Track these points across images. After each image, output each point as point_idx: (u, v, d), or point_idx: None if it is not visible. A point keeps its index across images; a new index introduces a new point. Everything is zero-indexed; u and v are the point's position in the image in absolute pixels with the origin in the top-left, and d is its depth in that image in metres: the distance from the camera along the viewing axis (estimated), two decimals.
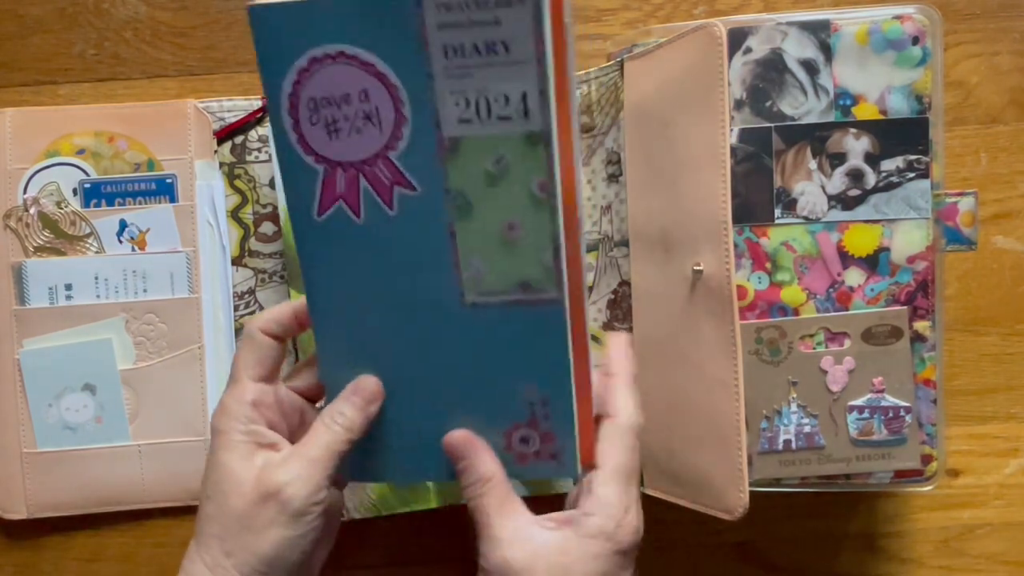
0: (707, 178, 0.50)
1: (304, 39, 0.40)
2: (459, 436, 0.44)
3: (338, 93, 0.41)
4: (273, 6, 0.39)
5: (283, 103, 0.41)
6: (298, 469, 0.42)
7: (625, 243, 0.56)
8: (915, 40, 0.52)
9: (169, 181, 0.61)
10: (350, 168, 0.42)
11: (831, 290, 0.53)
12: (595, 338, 0.59)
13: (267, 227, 0.61)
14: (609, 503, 0.42)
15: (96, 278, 0.60)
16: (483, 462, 0.44)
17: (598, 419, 0.45)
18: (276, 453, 0.44)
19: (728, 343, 0.50)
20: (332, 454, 0.43)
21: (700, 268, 0.50)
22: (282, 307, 0.46)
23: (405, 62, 0.39)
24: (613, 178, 0.58)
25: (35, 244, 0.60)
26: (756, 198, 0.53)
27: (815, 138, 0.53)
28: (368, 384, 0.45)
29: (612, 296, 0.57)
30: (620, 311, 0.57)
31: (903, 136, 0.52)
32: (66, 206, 0.60)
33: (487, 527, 0.42)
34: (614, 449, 0.44)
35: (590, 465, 0.44)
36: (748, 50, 0.53)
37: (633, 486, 0.44)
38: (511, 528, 0.42)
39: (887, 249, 0.53)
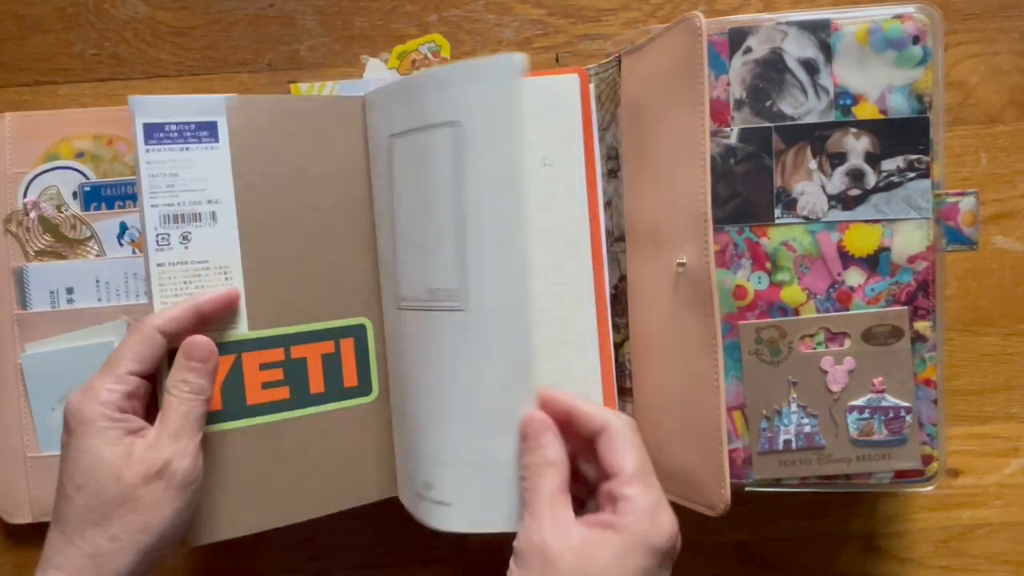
0: (689, 171, 0.50)
1: None
2: (540, 415, 0.46)
3: None
4: None
5: None
6: (172, 445, 0.46)
7: (624, 238, 0.56)
8: (915, 39, 0.52)
9: None
10: None
11: (831, 290, 0.53)
12: None
13: None
14: (638, 505, 0.43)
15: (97, 281, 0.60)
16: (554, 445, 0.45)
17: (589, 440, 0.47)
18: (145, 437, 0.46)
19: (709, 338, 0.50)
20: (193, 421, 0.47)
21: (683, 263, 0.51)
22: (182, 305, 0.49)
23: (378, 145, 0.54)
24: (612, 173, 0.58)
25: (36, 248, 0.60)
26: (756, 198, 0.53)
27: (815, 138, 0.53)
28: (197, 343, 0.48)
29: (613, 292, 0.57)
30: (620, 306, 0.57)
31: (903, 136, 0.52)
32: (66, 209, 0.60)
33: (537, 508, 0.44)
34: (625, 453, 0.45)
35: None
36: (748, 50, 0.53)
37: (653, 483, 0.45)
38: (559, 516, 0.44)
39: (887, 249, 0.53)
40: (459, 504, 0.49)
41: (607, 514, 0.44)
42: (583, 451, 0.47)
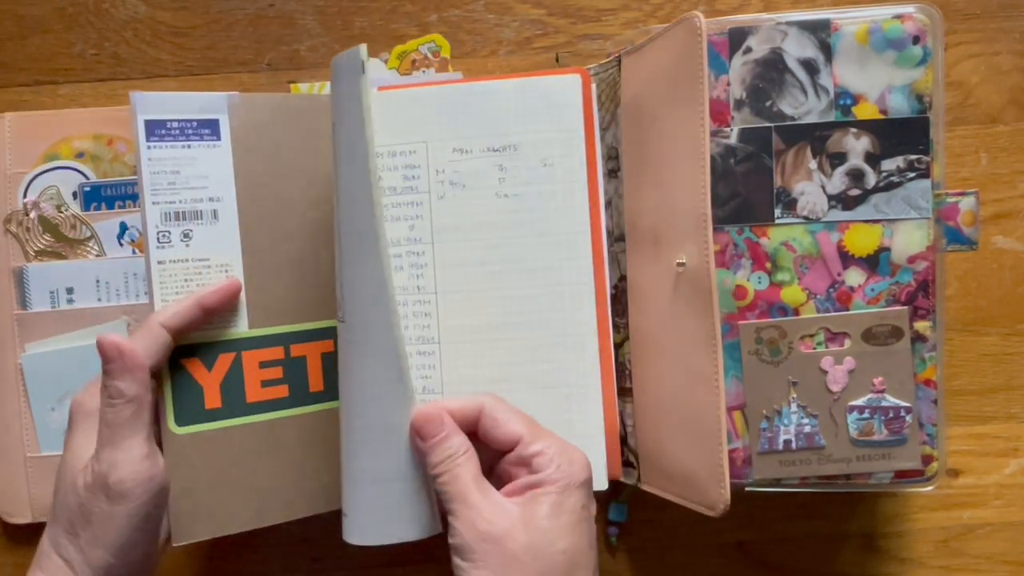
0: (689, 171, 0.50)
1: None
2: (432, 409, 0.46)
3: None
4: None
5: None
6: (106, 456, 0.44)
7: (624, 238, 0.57)
8: (915, 39, 0.52)
9: None
10: None
11: (831, 290, 0.53)
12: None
13: None
14: (551, 455, 0.44)
15: (97, 281, 0.60)
16: (458, 433, 0.45)
17: (473, 434, 0.47)
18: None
19: (709, 338, 0.50)
20: (120, 429, 0.45)
21: (683, 262, 0.51)
22: (185, 300, 0.49)
23: None
24: (612, 173, 0.58)
25: (36, 248, 0.60)
26: (756, 198, 0.53)
27: (815, 138, 0.53)
28: (102, 341, 0.46)
29: (613, 292, 0.57)
30: (620, 306, 0.57)
31: (903, 136, 0.52)
32: (66, 209, 0.60)
33: (466, 498, 0.43)
34: (513, 420, 0.45)
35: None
36: (748, 50, 0.53)
37: (548, 432, 0.46)
38: (492, 498, 0.44)
39: (887, 249, 0.53)
40: (353, 517, 0.48)
41: (526, 477, 0.44)
42: None
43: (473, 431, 0.46)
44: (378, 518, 0.48)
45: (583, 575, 0.43)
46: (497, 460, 0.46)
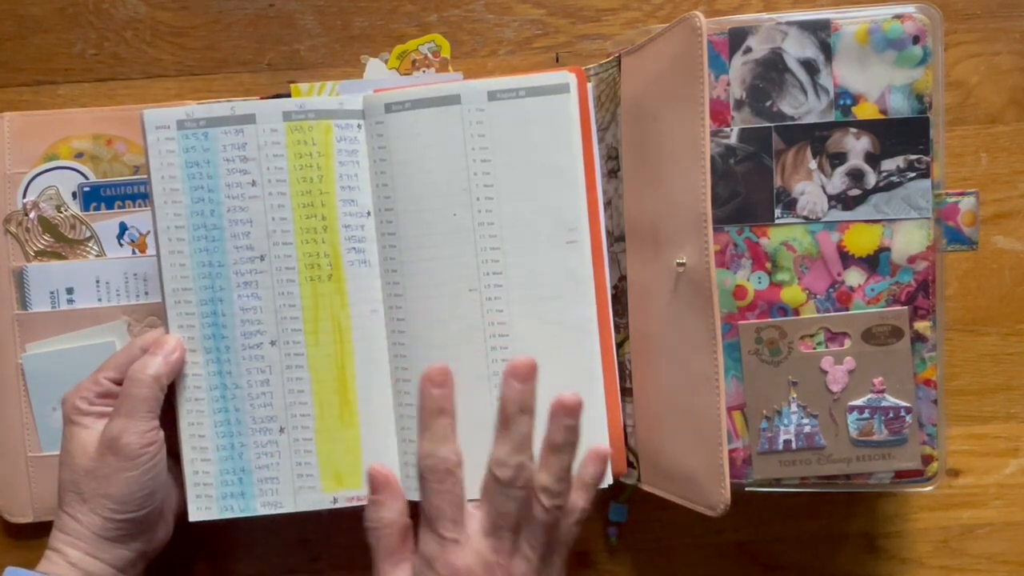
0: (689, 171, 0.50)
1: None
2: (380, 470, 0.53)
3: None
4: None
5: None
6: (121, 424, 0.51)
7: (624, 238, 0.57)
8: (915, 39, 0.52)
9: None
10: None
11: (831, 290, 0.53)
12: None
13: None
14: None
15: (97, 281, 0.60)
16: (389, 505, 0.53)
17: None
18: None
19: (709, 338, 0.50)
20: (143, 402, 0.52)
21: (683, 262, 0.51)
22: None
23: None
24: (612, 173, 0.58)
25: (35, 248, 0.60)
26: (756, 198, 0.53)
27: (815, 138, 0.53)
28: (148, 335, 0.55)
29: (613, 291, 0.57)
30: (620, 306, 0.57)
31: (904, 136, 0.52)
32: (66, 210, 0.60)
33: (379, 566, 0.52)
34: None
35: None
36: (748, 50, 0.53)
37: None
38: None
39: (887, 249, 0.53)
40: None
41: None
42: None
43: None
44: None
45: None
46: None
